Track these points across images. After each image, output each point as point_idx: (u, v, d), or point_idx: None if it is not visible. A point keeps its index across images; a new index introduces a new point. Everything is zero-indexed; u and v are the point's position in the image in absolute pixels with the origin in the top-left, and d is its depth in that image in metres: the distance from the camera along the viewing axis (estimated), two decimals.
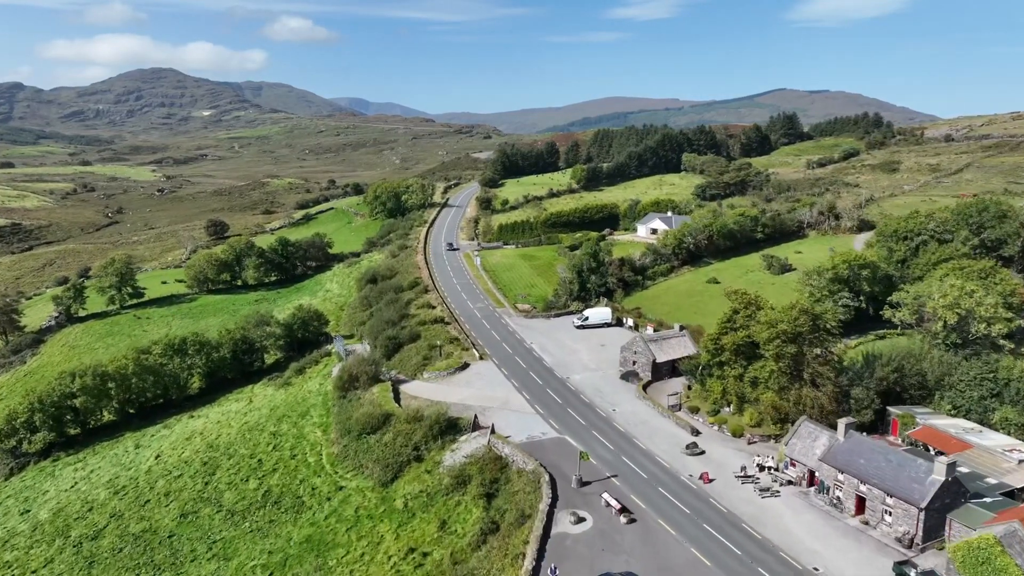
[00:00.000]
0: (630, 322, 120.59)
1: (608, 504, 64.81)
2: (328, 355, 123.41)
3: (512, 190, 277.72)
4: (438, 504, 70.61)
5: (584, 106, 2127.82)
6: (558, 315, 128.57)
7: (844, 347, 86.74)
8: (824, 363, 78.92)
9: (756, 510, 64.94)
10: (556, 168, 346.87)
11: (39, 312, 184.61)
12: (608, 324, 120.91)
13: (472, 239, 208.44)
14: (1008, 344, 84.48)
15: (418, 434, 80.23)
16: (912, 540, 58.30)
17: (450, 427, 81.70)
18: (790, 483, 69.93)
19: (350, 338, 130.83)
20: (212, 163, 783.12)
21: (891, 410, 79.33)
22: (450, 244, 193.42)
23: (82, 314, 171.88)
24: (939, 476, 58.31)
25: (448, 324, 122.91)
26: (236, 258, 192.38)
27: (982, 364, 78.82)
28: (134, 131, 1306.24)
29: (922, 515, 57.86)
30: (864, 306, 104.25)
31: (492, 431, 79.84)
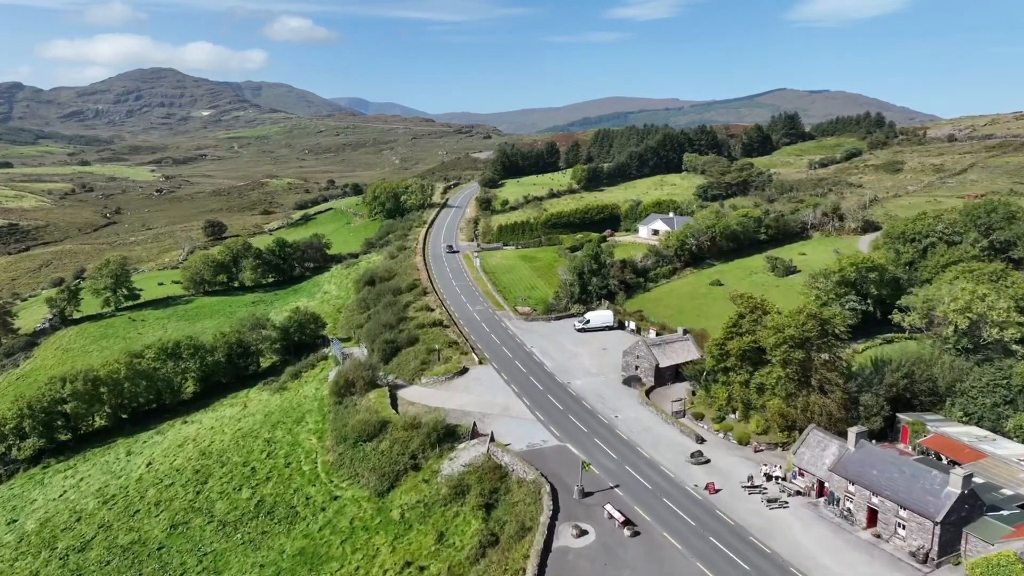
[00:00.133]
0: (632, 325, 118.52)
1: (611, 516, 62.80)
2: (325, 359, 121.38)
3: (512, 190, 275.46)
4: (436, 515, 68.58)
5: (584, 106, 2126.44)
6: (559, 318, 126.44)
7: (852, 352, 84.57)
8: (832, 369, 76.87)
9: (764, 522, 62.96)
10: (556, 168, 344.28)
11: (34, 314, 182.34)
12: (610, 327, 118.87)
13: (472, 240, 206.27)
14: (1021, 349, 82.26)
15: (415, 442, 78.30)
16: (927, 555, 56.20)
17: (448, 435, 79.82)
18: (799, 493, 67.96)
19: (347, 341, 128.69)
20: (211, 163, 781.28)
21: (901, 417, 77.28)
22: (450, 247, 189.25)
23: (77, 316, 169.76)
24: (955, 488, 56.20)
25: (447, 327, 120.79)
26: (233, 259, 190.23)
27: (995, 370, 76.77)
28: (133, 131, 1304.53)
29: (937, 529, 55.77)
30: (871, 309, 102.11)
31: (491, 439, 77.81)
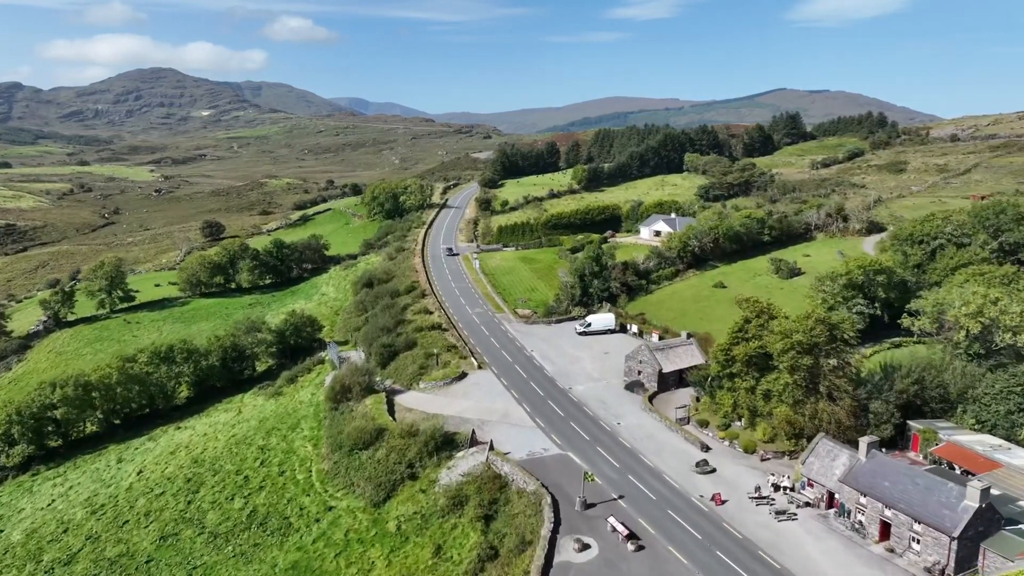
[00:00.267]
0: (634, 328, 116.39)
1: (614, 529, 60.69)
2: (321, 363, 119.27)
3: (512, 191, 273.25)
4: (433, 527, 66.45)
5: (584, 106, 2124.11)
6: (559, 321, 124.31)
7: (860, 358, 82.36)
8: (841, 375, 74.74)
9: (773, 535, 60.84)
10: (556, 168, 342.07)
11: (28, 316, 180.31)
12: (611, 330, 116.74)
13: (471, 241, 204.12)
14: None
15: (412, 450, 76.12)
16: (943, 571, 54.09)
17: (446, 442, 77.59)
18: (807, 505, 65.83)
19: (345, 344, 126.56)
20: (211, 163, 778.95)
21: (912, 425, 75.12)
22: (449, 249, 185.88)
23: (71, 318, 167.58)
24: (972, 502, 54.04)
25: (446, 331, 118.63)
26: (230, 260, 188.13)
27: (1009, 376, 74.51)
28: (133, 131, 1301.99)
29: (954, 544, 53.61)
30: (879, 313, 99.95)
31: (491, 447, 75.62)
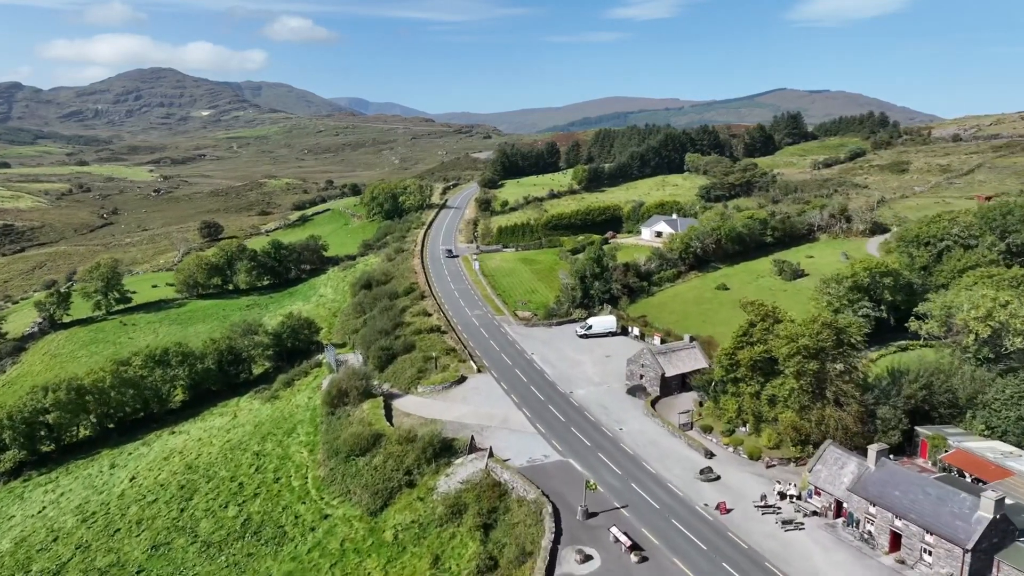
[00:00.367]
0: (636, 331, 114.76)
1: (617, 540, 59.06)
2: (319, 366, 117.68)
3: (512, 191, 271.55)
4: (431, 536, 64.88)
5: (584, 106, 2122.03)
6: (560, 323, 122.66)
7: (867, 362, 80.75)
8: (848, 380, 73.14)
9: (779, 545, 59.25)
10: (557, 168, 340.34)
11: (24, 317, 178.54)
12: (613, 333, 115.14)
13: (471, 242, 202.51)
14: None
15: (410, 457, 74.58)
16: None
17: (445, 449, 76.02)
18: (815, 514, 64.24)
19: (342, 347, 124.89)
20: (210, 163, 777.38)
21: (920, 431, 73.48)
22: (449, 251, 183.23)
23: (66, 320, 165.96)
24: (987, 513, 52.42)
25: (445, 333, 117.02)
26: (227, 261, 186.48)
27: (1020, 381, 72.90)
28: (133, 131, 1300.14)
29: (968, 557, 52.01)
30: (885, 316, 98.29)
31: (490, 454, 74.01)
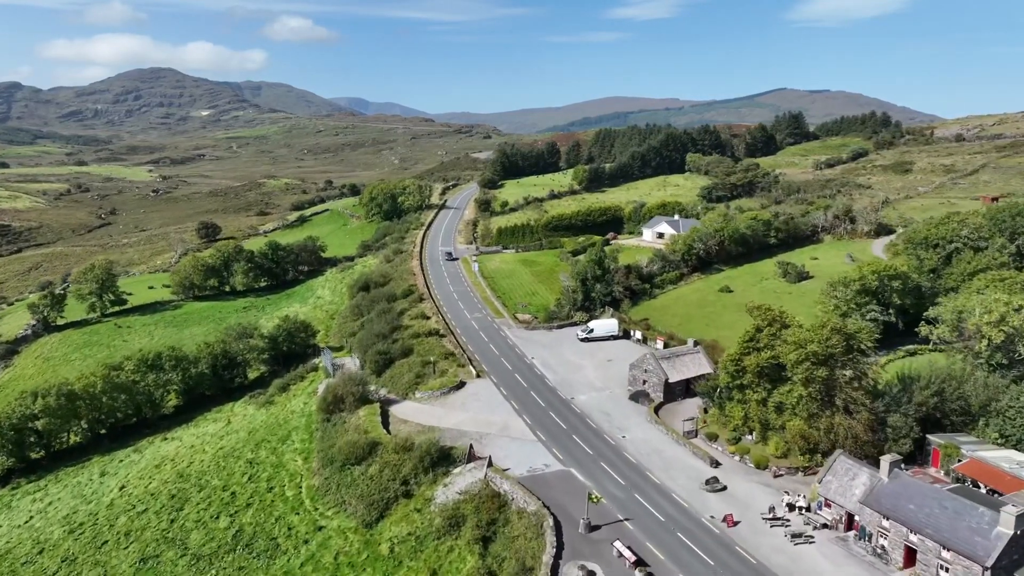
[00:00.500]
0: (638, 335, 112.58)
1: (621, 555, 56.91)
2: (315, 370, 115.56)
3: (512, 191, 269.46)
4: (428, 550, 62.71)
5: (584, 106, 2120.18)
6: (561, 326, 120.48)
7: (877, 368, 78.52)
8: (858, 387, 70.98)
9: (788, 560, 57.12)
10: (557, 169, 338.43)
11: (17, 320, 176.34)
12: (614, 336, 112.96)
13: (470, 243, 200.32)
14: None
15: (407, 466, 72.39)
16: None
17: (443, 458, 73.85)
18: (825, 526, 62.10)
19: (339, 350, 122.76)
20: (209, 163, 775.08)
21: (931, 439, 71.24)
22: (448, 254, 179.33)
23: (60, 323, 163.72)
24: (1007, 529, 50.26)
25: (443, 337, 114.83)
26: (224, 263, 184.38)
27: None
28: (132, 131, 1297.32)
29: (987, 574, 49.86)
30: (894, 320, 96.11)
31: (489, 463, 71.85)
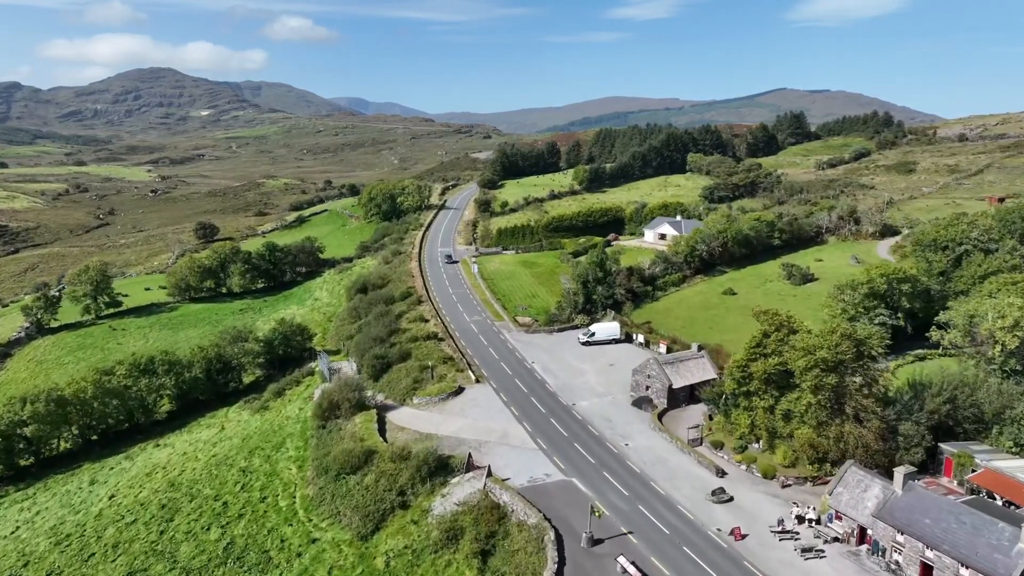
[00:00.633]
0: (640, 338, 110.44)
1: (625, 571, 54.77)
2: (311, 374, 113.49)
3: (512, 191, 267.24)
4: (425, 564, 60.60)
5: (584, 106, 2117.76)
6: (561, 330, 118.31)
7: (888, 375, 76.40)
8: (868, 395, 68.87)
9: (799, 575, 54.92)
10: (557, 169, 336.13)
11: (11, 322, 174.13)
12: (616, 340, 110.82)
13: (470, 244, 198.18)
14: None
15: (404, 475, 70.26)
16: None
17: (441, 467, 71.67)
18: (836, 540, 59.95)
19: (336, 354, 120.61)
20: (209, 163, 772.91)
21: (944, 448, 69.19)
22: (448, 256, 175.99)
23: (54, 325, 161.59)
24: None
25: (442, 340, 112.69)
26: (221, 264, 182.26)
27: None
28: (132, 131, 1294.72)
29: None
30: (903, 324, 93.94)
31: (488, 473, 69.68)
